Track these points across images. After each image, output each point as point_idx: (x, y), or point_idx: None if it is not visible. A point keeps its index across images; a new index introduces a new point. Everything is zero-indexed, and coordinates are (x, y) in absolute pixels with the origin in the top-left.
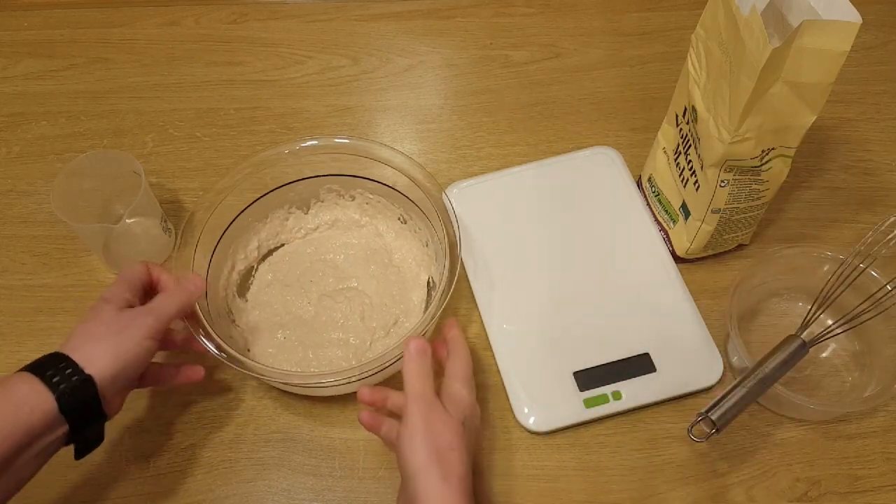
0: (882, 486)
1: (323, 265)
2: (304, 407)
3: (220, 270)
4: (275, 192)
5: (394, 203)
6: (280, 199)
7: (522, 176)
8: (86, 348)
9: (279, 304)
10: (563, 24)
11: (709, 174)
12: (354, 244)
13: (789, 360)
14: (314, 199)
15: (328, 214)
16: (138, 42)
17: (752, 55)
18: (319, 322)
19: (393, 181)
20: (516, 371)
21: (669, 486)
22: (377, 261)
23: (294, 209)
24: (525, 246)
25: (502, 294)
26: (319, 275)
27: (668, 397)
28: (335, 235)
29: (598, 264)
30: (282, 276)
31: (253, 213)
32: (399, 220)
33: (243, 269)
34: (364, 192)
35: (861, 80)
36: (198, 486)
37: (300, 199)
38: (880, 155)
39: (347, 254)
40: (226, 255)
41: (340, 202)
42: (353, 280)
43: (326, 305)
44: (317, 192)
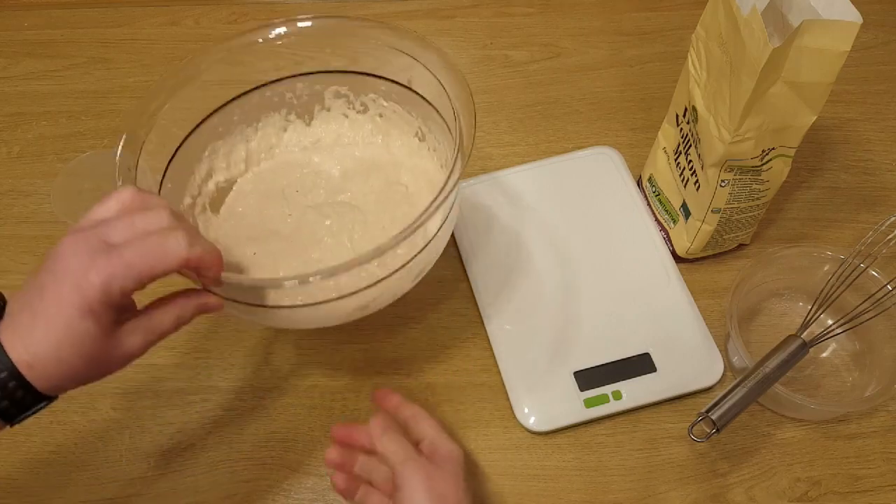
0: (882, 486)
1: (315, 176)
2: (305, 407)
3: (187, 175)
4: (265, 91)
5: (412, 112)
6: (274, 102)
7: (522, 176)
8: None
9: (255, 216)
10: (564, 24)
11: (709, 174)
12: (356, 156)
13: (789, 359)
14: (318, 107)
15: (333, 127)
16: (138, 42)
17: (753, 55)
18: (299, 238)
19: (409, 79)
20: (516, 371)
21: (669, 486)
22: (381, 176)
23: (293, 118)
24: (525, 246)
25: (502, 294)
26: (309, 185)
27: (669, 397)
28: (336, 147)
29: (598, 264)
30: (263, 185)
31: (238, 114)
32: (416, 136)
33: (224, 181)
34: (378, 99)
35: (861, 80)
36: (198, 486)
37: (301, 106)
38: (881, 155)
39: (346, 166)
40: (198, 157)
41: (350, 114)
42: (346, 193)
43: (310, 219)
44: (321, 97)
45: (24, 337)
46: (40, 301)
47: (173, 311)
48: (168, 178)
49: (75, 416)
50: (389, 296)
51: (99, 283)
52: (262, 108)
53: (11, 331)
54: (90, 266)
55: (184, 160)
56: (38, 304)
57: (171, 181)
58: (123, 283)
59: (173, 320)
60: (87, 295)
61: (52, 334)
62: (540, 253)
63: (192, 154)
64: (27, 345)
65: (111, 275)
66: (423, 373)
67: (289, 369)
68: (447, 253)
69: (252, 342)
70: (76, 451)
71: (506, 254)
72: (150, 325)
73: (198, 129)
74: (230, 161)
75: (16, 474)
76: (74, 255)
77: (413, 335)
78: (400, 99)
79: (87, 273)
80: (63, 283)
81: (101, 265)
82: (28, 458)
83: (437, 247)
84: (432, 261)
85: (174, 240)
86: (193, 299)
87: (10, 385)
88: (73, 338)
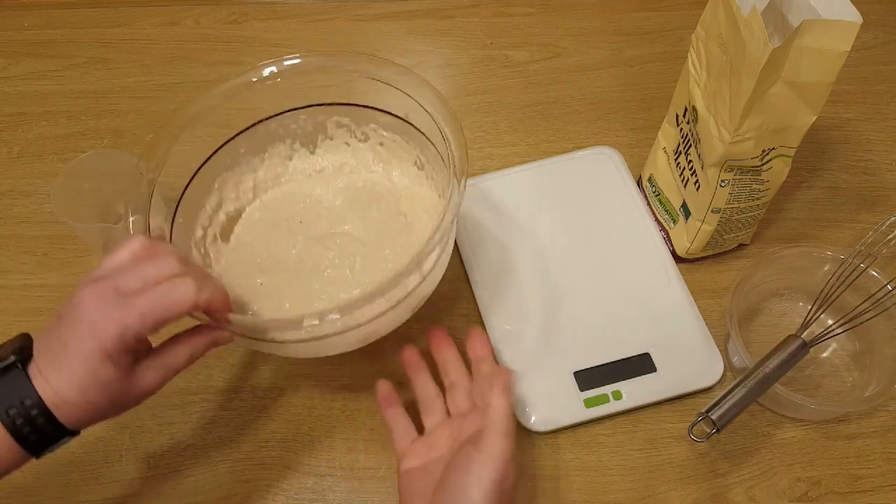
0: (882, 485)
1: (317, 206)
2: (305, 407)
3: (197, 208)
4: (270, 123)
5: (409, 142)
6: (279, 133)
7: (522, 176)
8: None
9: (261, 245)
10: (564, 24)
11: (709, 174)
12: (358, 186)
13: (789, 359)
14: (322, 136)
15: (336, 157)
16: (138, 42)
17: (753, 55)
18: (303, 269)
19: (406, 112)
20: (517, 371)
21: (669, 486)
22: (382, 207)
23: (298, 146)
24: (525, 246)
25: (502, 294)
26: (313, 216)
27: (669, 397)
28: (339, 177)
29: (598, 264)
30: (270, 214)
31: (245, 146)
32: (415, 165)
33: (233, 210)
34: (378, 129)
35: (861, 80)
36: (198, 486)
37: (305, 135)
38: (881, 155)
39: (348, 196)
40: (208, 189)
41: (352, 142)
42: (347, 224)
43: (313, 251)
44: (324, 127)
45: (52, 381)
46: (63, 350)
47: (186, 349)
48: (179, 212)
49: None
50: (390, 327)
51: (115, 333)
52: (268, 140)
53: (38, 373)
54: (106, 317)
55: (194, 194)
56: (61, 352)
57: (182, 216)
58: (139, 330)
59: (186, 357)
60: (106, 344)
61: (76, 379)
62: (540, 253)
63: (202, 187)
64: (55, 388)
65: (126, 325)
66: None
67: (289, 369)
68: None
69: None
70: (76, 451)
71: (506, 254)
72: (164, 363)
73: (207, 164)
74: (239, 191)
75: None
76: (92, 306)
77: (413, 335)
78: (398, 130)
79: (104, 324)
80: (83, 334)
81: (116, 316)
82: None
83: (436, 276)
84: (432, 289)
85: (184, 287)
86: (205, 336)
87: (40, 421)
88: (96, 382)
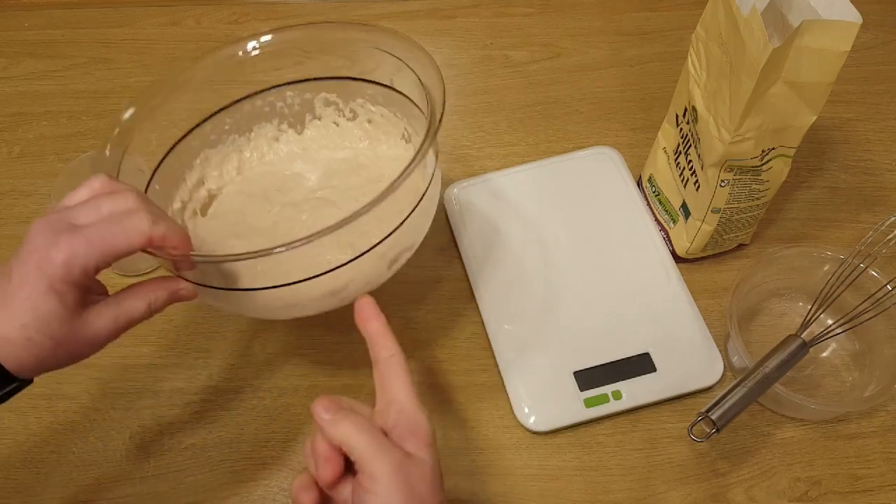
0: (882, 485)
1: (298, 177)
2: (305, 407)
3: (177, 180)
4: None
5: (397, 114)
6: (265, 111)
7: (522, 176)
8: None
9: (236, 214)
10: (564, 24)
11: (709, 174)
12: (340, 158)
13: (789, 359)
14: (310, 116)
15: (323, 133)
16: (139, 42)
17: (753, 55)
18: (276, 232)
19: (390, 78)
20: (516, 371)
21: (669, 486)
22: (362, 175)
23: (286, 127)
24: (525, 246)
25: (502, 294)
26: (290, 185)
27: (669, 397)
28: (322, 150)
29: (598, 264)
30: (249, 187)
31: (230, 122)
32: (403, 139)
33: (216, 188)
34: (366, 104)
35: (861, 80)
36: (198, 486)
37: (293, 115)
38: (880, 155)
39: (330, 167)
40: (189, 164)
41: (340, 121)
42: (326, 190)
43: (286, 215)
44: (311, 106)
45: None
46: (8, 283)
47: (144, 296)
48: (156, 180)
49: (75, 417)
50: (363, 282)
51: (60, 261)
52: (254, 118)
53: None
54: (52, 245)
55: (174, 165)
56: (6, 287)
57: (158, 183)
58: (85, 260)
59: (144, 306)
60: (50, 273)
61: (18, 316)
62: (540, 253)
63: (183, 160)
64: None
65: (72, 253)
66: (423, 373)
67: (289, 369)
68: (447, 253)
69: (252, 342)
70: (76, 451)
71: (505, 254)
72: (119, 310)
73: (189, 136)
74: (222, 170)
75: (16, 474)
76: (39, 235)
77: (413, 335)
78: (386, 101)
79: (49, 251)
80: (27, 264)
81: (63, 243)
82: (28, 458)
83: (413, 232)
84: (410, 247)
85: (137, 218)
86: (165, 285)
87: None
88: (38, 318)
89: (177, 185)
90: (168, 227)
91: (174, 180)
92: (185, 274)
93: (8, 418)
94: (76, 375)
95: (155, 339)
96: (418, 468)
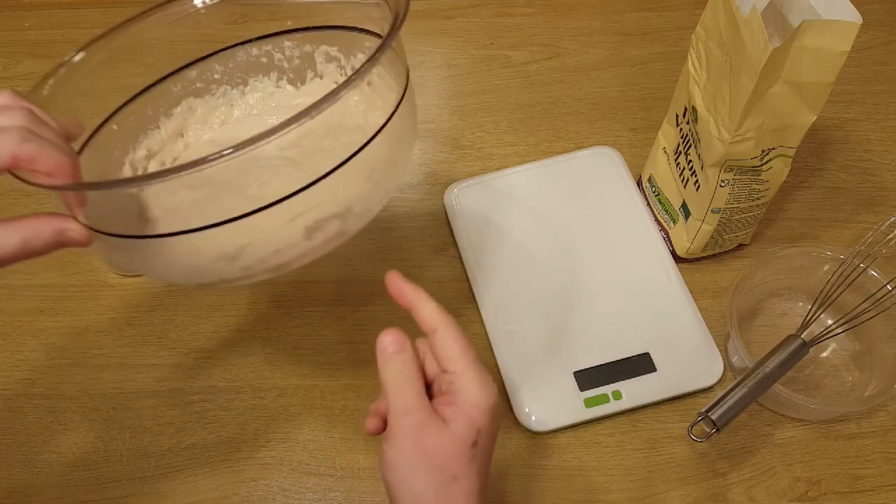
0: (882, 485)
1: None
2: (305, 407)
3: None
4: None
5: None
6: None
7: (522, 176)
8: None
9: None
10: (564, 24)
11: (709, 174)
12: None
13: (789, 359)
14: (311, 73)
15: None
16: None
17: (753, 55)
18: (228, 186)
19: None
20: (517, 371)
21: (669, 486)
22: (340, 139)
23: (285, 83)
24: (525, 246)
25: (502, 294)
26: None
27: (669, 397)
28: None
29: (598, 264)
30: (222, 136)
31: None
32: None
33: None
34: None
35: (861, 80)
36: (198, 486)
37: (293, 70)
38: (881, 155)
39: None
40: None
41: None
42: (294, 150)
43: (245, 170)
44: (312, 60)
45: None
46: None
47: (20, 231)
48: (115, 119)
49: (75, 417)
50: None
51: None
52: (249, 69)
53: None
54: None
55: (145, 108)
56: None
57: (118, 124)
58: None
59: (19, 243)
60: None
61: None
62: (540, 253)
63: (159, 105)
64: None
65: None
66: None
67: (289, 369)
68: (447, 253)
69: (252, 342)
70: (76, 451)
71: (505, 254)
72: None
73: (168, 80)
74: (207, 124)
75: (16, 474)
76: None
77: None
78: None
79: None
80: None
81: None
82: (28, 458)
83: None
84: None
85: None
86: (50, 223)
87: None
88: None
89: (145, 131)
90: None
91: (143, 124)
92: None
93: (8, 418)
94: (76, 375)
95: (155, 339)
96: (440, 436)
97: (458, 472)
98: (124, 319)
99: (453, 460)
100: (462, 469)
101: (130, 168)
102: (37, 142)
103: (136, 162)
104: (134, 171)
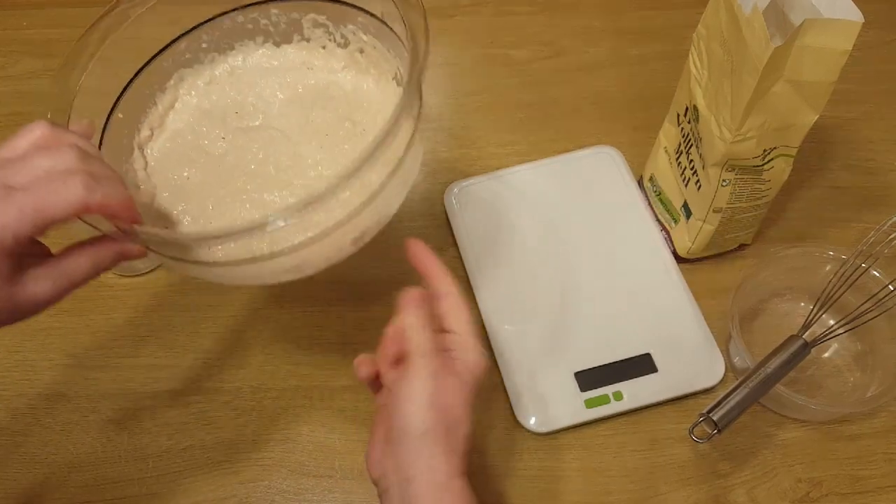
0: (884, 486)
1: (257, 100)
2: (305, 408)
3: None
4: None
5: (391, 51)
6: (248, 28)
7: (523, 176)
8: None
9: (190, 133)
10: (565, 23)
11: (710, 174)
12: (308, 83)
13: (791, 360)
14: (298, 37)
15: (304, 54)
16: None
17: (754, 54)
18: (227, 163)
19: (381, 11)
20: (517, 371)
21: (671, 487)
22: (328, 109)
23: (270, 46)
24: (526, 246)
25: (503, 294)
26: (249, 109)
27: (670, 398)
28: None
29: (599, 264)
30: (207, 101)
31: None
32: (395, 80)
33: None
34: (357, 32)
35: (863, 80)
36: (198, 486)
37: (279, 34)
38: (883, 154)
39: (293, 92)
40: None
41: (329, 45)
42: (282, 120)
43: (238, 143)
44: (299, 25)
45: None
46: None
47: (88, 258)
48: (119, 107)
49: (75, 416)
50: (323, 259)
51: None
52: (235, 35)
53: None
54: None
55: (142, 89)
56: None
57: (123, 111)
58: (17, 228)
59: (89, 267)
60: None
61: None
62: (540, 253)
63: (153, 83)
64: None
65: (3, 224)
66: None
67: (289, 369)
68: (447, 253)
69: (251, 343)
70: (76, 450)
71: (506, 254)
72: (60, 272)
73: (160, 56)
74: (197, 86)
75: (16, 474)
76: None
77: None
78: (378, 34)
79: None
80: None
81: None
82: (28, 459)
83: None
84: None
85: (72, 184)
86: (110, 245)
87: None
88: None
89: (145, 110)
90: (107, 193)
91: (142, 106)
92: None
93: (7, 419)
94: (75, 376)
95: (155, 339)
96: (451, 379)
97: (461, 416)
98: (123, 319)
99: (457, 404)
100: (464, 414)
101: (139, 151)
102: (101, 188)
103: (143, 143)
104: (141, 152)
